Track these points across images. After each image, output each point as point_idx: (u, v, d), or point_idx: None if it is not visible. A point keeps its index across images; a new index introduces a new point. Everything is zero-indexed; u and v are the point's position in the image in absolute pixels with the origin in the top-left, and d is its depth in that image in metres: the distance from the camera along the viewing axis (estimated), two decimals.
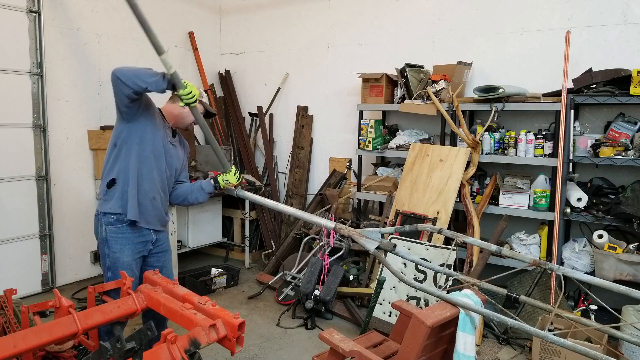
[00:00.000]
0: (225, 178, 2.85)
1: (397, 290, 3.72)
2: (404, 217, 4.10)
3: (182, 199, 2.97)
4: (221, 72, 6.20)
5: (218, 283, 4.63)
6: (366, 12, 5.13)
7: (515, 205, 3.98)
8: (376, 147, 4.61)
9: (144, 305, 2.30)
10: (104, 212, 2.66)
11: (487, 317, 2.14)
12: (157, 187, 2.75)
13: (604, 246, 3.54)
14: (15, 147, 4.25)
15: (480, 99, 4.02)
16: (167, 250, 2.95)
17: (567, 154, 3.71)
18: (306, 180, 5.67)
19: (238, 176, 2.86)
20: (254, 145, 6.02)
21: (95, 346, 2.39)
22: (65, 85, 4.61)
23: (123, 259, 2.65)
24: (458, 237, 2.40)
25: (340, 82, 5.30)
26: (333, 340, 2.29)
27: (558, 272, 2.18)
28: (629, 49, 3.85)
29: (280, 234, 5.54)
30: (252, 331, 3.77)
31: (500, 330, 3.67)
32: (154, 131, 2.65)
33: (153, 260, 2.83)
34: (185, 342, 1.85)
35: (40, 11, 4.28)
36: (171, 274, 2.96)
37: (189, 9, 5.83)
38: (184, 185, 2.97)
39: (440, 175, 4.04)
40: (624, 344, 3.11)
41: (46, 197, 4.47)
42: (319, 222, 2.66)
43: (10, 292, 2.62)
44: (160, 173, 2.75)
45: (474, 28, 4.51)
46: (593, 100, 3.60)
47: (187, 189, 2.94)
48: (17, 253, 4.30)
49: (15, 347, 1.87)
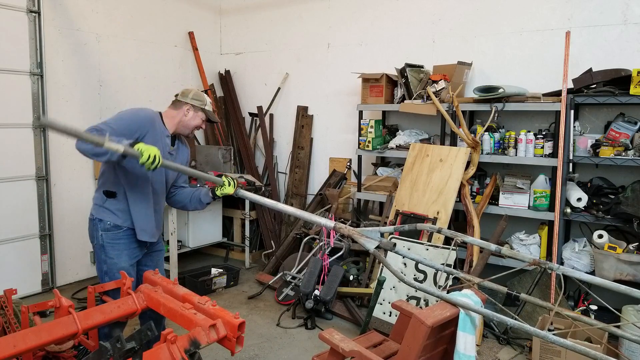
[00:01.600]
0: (223, 192, 2.81)
1: (397, 290, 3.72)
2: (404, 217, 4.10)
3: (181, 205, 2.98)
4: (221, 72, 6.20)
5: (218, 283, 4.63)
6: (366, 12, 5.13)
7: (515, 205, 3.98)
8: (376, 147, 4.61)
9: (144, 305, 2.30)
10: (100, 218, 2.66)
11: (487, 317, 2.14)
12: (156, 200, 2.78)
13: (604, 246, 3.54)
14: (15, 147, 4.25)
15: (480, 99, 4.02)
16: (161, 250, 2.97)
17: (567, 154, 3.71)
18: (306, 180, 5.67)
19: (233, 184, 2.83)
20: (254, 145, 6.02)
21: (95, 346, 2.39)
22: (65, 85, 4.61)
23: (120, 265, 2.65)
24: (458, 236, 2.40)
25: (340, 82, 5.30)
26: (333, 340, 2.29)
27: (558, 272, 2.18)
28: (629, 49, 3.85)
29: (280, 234, 5.54)
30: (252, 331, 3.77)
31: (500, 330, 3.67)
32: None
33: (146, 260, 2.85)
34: (185, 342, 1.85)
35: (40, 11, 4.28)
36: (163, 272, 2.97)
37: (189, 9, 5.83)
38: (184, 191, 2.95)
39: (440, 175, 4.04)
40: (624, 344, 3.11)
41: (46, 197, 4.47)
42: (319, 222, 2.66)
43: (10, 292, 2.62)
44: (159, 187, 2.78)
45: (474, 28, 4.51)
46: (593, 100, 3.60)
47: (187, 196, 2.93)
48: (17, 253, 4.30)
49: (15, 347, 1.87)
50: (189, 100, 2.76)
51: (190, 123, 2.78)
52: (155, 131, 2.65)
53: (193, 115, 2.77)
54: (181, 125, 2.79)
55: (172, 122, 2.77)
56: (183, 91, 2.82)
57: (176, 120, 2.77)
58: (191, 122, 2.78)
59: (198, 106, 2.78)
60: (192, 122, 2.78)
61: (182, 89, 2.84)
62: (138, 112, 2.63)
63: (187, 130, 2.82)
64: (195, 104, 2.77)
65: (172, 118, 2.77)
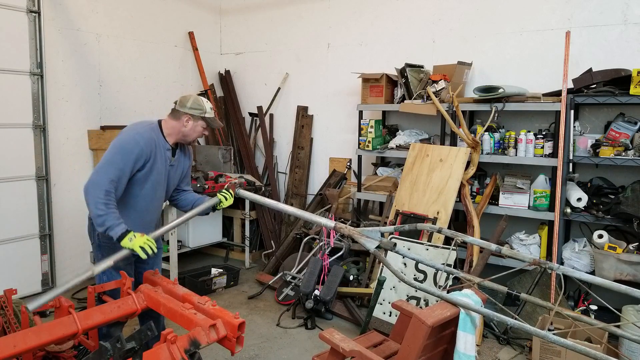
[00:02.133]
0: (222, 207, 2.85)
1: (397, 290, 3.72)
2: (404, 217, 4.10)
3: (183, 210, 2.99)
4: (221, 72, 6.20)
5: (218, 283, 4.62)
6: (366, 12, 5.13)
7: (515, 205, 3.98)
8: (376, 147, 4.61)
9: (144, 305, 2.30)
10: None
11: (487, 317, 2.14)
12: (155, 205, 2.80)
13: (604, 246, 3.54)
14: (15, 147, 4.25)
15: (480, 99, 4.02)
16: (159, 248, 2.96)
17: (567, 154, 3.71)
18: (306, 180, 5.67)
19: (230, 195, 2.85)
20: (254, 145, 6.02)
21: (95, 346, 2.39)
22: (65, 85, 4.61)
23: (117, 264, 2.63)
24: (458, 236, 2.40)
25: (340, 82, 5.30)
26: (333, 340, 2.29)
27: (558, 272, 2.18)
28: (629, 49, 3.85)
29: (280, 234, 5.54)
30: (252, 331, 3.77)
31: (500, 330, 3.67)
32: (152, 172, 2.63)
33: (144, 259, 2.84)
34: (185, 342, 1.85)
35: (40, 11, 4.28)
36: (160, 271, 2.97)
37: (189, 9, 5.83)
38: (187, 196, 2.96)
39: (440, 175, 4.04)
40: (624, 343, 3.11)
41: (46, 197, 4.46)
42: (319, 222, 2.66)
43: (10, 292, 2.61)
44: (159, 198, 2.79)
45: (474, 28, 4.51)
46: (593, 100, 3.60)
47: (189, 203, 2.94)
48: (17, 253, 4.30)
49: (15, 347, 1.87)
50: (187, 110, 2.67)
51: (191, 133, 2.73)
52: (158, 149, 2.64)
53: (193, 125, 2.70)
54: (182, 136, 2.74)
55: (172, 133, 2.72)
56: (181, 99, 2.72)
57: (176, 130, 2.71)
58: (191, 132, 2.72)
59: (197, 115, 2.70)
60: (193, 132, 2.73)
61: (180, 97, 2.76)
62: (138, 142, 2.55)
63: (188, 139, 2.78)
64: (194, 113, 2.68)
65: (172, 129, 2.72)
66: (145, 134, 2.60)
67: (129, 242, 2.44)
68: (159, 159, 2.64)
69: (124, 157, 2.52)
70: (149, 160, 2.58)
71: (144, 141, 2.56)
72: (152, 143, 2.59)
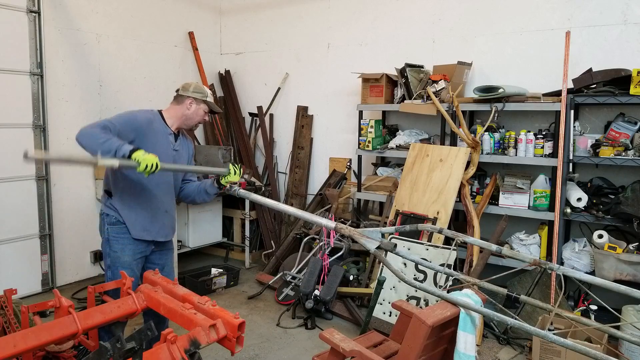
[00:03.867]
0: (228, 180, 2.83)
1: (397, 290, 3.72)
2: (404, 217, 4.10)
3: (190, 199, 3.02)
4: (221, 72, 6.20)
5: (218, 283, 4.63)
6: (366, 12, 5.13)
7: (515, 205, 3.98)
8: (376, 147, 4.61)
9: (144, 305, 2.30)
10: (107, 213, 2.72)
11: (487, 317, 2.14)
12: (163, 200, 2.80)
13: (604, 246, 3.54)
14: (15, 147, 4.24)
15: (480, 99, 4.02)
16: (170, 249, 2.98)
17: (567, 154, 3.71)
18: (306, 180, 5.67)
19: (239, 172, 2.86)
20: (254, 145, 6.02)
21: (95, 346, 2.39)
22: (65, 85, 4.61)
23: (123, 259, 2.69)
24: (458, 236, 2.40)
25: (340, 82, 5.30)
26: (334, 340, 2.29)
27: (558, 272, 2.18)
28: (629, 49, 3.85)
29: (280, 234, 5.54)
30: (252, 331, 3.77)
31: (500, 330, 3.67)
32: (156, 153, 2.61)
33: (155, 258, 2.86)
34: (185, 342, 1.85)
35: (40, 11, 4.28)
36: (172, 272, 2.99)
37: (189, 9, 5.83)
38: (192, 185, 2.99)
39: (440, 175, 4.04)
40: (624, 343, 3.11)
41: (46, 197, 4.47)
42: (319, 222, 2.66)
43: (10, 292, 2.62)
44: (164, 187, 2.80)
45: (474, 28, 4.51)
46: (593, 100, 3.60)
47: (195, 189, 2.96)
48: (17, 253, 4.30)
49: (15, 347, 1.87)
50: (190, 94, 2.79)
51: (194, 116, 2.82)
52: (155, 132, 2.67)
53: (196, 109, 2.81)
54: (185, 119, 2.82)
55: (174, 118, 2.80)
56: (184, 85, 2.85)
57: (179, 115, 2.80)
58: (194, 115, 2.81)
59: (200, 99, 2.81)
60: (196, 115, 2.82)
61: (183, 83, 2.87)
62: (135, 115, 2.65)
63: (191, 123, 2.85)
64: (197, 96, 2.80)
65: (174, 113, 2.80)
66: (143, 113, 2.70)
67: (141, 155, 2.36)
68: (158, 140, 2.67)
69: (119, 118, 2.57)
70: (143, 134, 2.60)
71: (140, 116, 2.65)
72: (148, 123, 2.66)
